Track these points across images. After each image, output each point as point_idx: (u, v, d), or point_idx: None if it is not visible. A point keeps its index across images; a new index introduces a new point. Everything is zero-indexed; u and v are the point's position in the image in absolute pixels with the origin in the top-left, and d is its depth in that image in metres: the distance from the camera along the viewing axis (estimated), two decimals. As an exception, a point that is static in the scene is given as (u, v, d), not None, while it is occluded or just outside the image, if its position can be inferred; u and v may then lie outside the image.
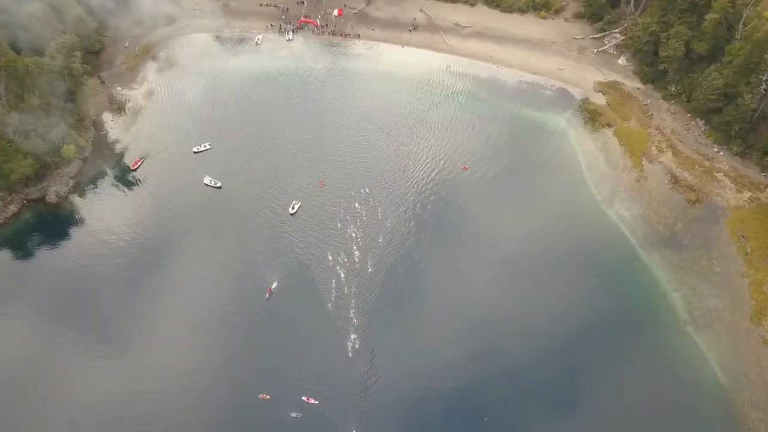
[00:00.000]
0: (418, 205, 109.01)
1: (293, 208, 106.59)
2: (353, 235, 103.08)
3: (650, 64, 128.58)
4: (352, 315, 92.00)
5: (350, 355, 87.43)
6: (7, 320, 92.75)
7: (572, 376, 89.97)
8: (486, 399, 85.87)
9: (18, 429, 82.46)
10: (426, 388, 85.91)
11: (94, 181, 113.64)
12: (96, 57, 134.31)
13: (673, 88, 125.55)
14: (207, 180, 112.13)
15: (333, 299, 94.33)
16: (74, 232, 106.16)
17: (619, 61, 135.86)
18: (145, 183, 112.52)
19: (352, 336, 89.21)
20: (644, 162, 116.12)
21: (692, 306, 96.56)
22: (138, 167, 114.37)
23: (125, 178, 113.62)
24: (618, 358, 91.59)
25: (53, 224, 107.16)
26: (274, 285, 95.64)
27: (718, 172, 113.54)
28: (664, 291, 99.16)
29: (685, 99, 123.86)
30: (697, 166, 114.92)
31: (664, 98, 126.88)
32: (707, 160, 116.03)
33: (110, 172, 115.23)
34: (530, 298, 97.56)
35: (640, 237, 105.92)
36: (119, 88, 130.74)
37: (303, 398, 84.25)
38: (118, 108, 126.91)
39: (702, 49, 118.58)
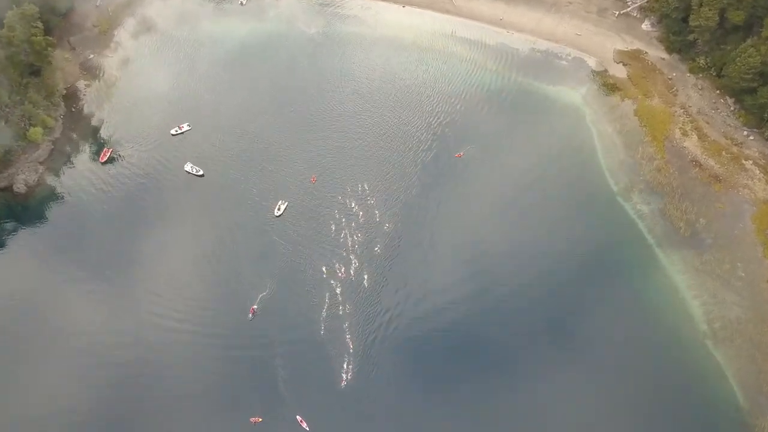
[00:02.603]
0: (422, 199, 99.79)
1: (279, 210, 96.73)
2: (349, 242, 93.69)
3: (678, 33, 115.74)
4: (347, 339, 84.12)
5: (343, 384, 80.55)
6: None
7: (579, 388, 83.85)
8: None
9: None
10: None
11: (65, 167, 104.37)
12: (64, 19, 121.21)
13: (701, 61, 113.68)
14: (188, 167, 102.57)
15: (325, 320, 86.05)
16: (45, 225, 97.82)
17: (643, 26, 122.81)
18: (122, 172, 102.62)
19: (346, 362, 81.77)
20: (666, 147, 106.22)
21: (712, 316, 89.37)
22: (107, 159, 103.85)
23: (99, 165, 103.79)
24: (629, 370, 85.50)
25: (23, 216, 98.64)
26: (257, 303, 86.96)
27: (746, 160, 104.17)
28: (683, 298, 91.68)
29: (714, 73, 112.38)
30: (723, 152, 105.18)
31: (690, 71, 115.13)
32: (735, 145, 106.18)
33: (83, 157, 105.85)
34: (535, 300, 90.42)
35: (659, 235, 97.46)
36: (91, 55, 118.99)
37: (297, 418, 78.82)
38: (91, 78, 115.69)
39: (738, 19, 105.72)
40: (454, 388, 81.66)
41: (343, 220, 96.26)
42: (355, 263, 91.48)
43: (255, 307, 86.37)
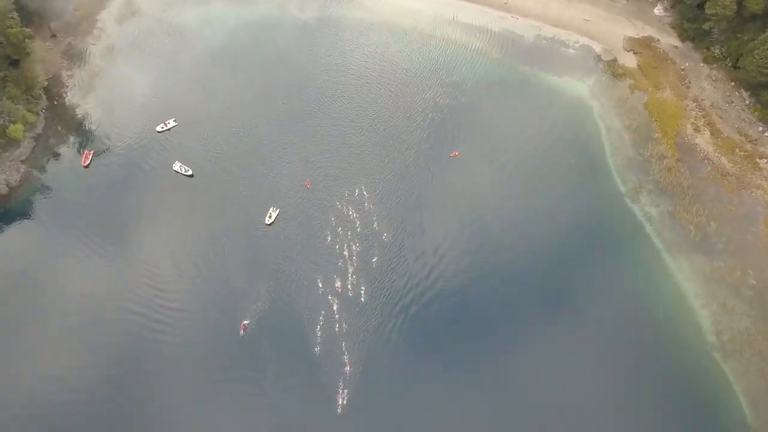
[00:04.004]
0: (423, 203, 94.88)
1: (270, 217, 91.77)
2: (346, 253, 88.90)
3: (692, 20, 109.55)
4: (345, 360, 79.91)
5: (339, 407, 76.87)
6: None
7: (582, 401, 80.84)
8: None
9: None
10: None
11: (49, 166, 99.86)
12: (44, 2, 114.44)
13: (716, 51, 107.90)
14: (177, 166, 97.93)
15: (321, 339, 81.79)
16: (28, 228, 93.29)
17: (655, 11, 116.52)
18: (107, 172, 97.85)
19: (342, 387, 77.75)
20: (677, 144, 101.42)
21: (721, 327, 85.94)
22: (90, 162, 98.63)
23: (84, 164, 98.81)
24: (631, 381, 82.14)
25: (5, 219, 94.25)
26: (249, 319, 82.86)
27: (761, 158, 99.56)
28: (691, 307, 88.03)
29: (729, 64, 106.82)
30: (737, 150, 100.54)
31: (704, 61, 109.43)
32: (749, 142, 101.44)
33: (67, 155, 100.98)
34: (536, 307, 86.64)
35: (667, 239, 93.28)
36: (73, 43, 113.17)
37: None
38: (73, 68, 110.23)
39: (757, 7, 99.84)
40: (456, 416, 77.97)
41: (340, 228, 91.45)
42: (353, 276, 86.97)
43: (246, 322, 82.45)
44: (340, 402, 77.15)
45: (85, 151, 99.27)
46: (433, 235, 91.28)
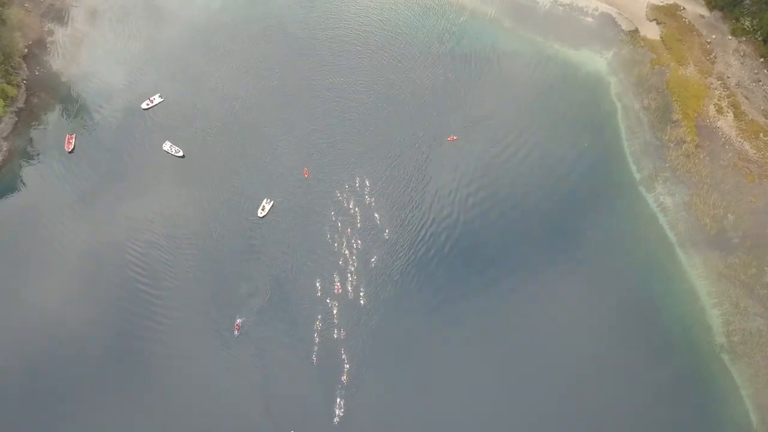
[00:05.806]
0: (430, 193, 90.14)
1: (263, 210, 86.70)
2: (347, 251, 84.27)
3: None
4: (345, 368, 76.64)
5: (336, 420, 74.46)
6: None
7: (584, 402, 79.16)
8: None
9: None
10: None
11: (32, 144, 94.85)
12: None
13: (747, 23, 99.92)
14: (167, 146, 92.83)
15: (318, 345, 78.43)
16: (10, 215, 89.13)
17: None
18: (93, 155, 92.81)
19: (339, 398, 74.93)
20: (698, 127, 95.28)
21: (732, 328, 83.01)
22: (74, 147, 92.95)
23: (68, 149, 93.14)
24: (635, 383, 79.78)
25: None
26: (241, 318, 79.55)
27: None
28: (702, 306, 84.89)
29: (760, 38, 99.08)
30: (761, 135, 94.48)
31: (733, 33, 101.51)
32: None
33: (51, 131, 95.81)
34: (541, 304, 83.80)
35: (681, 233, 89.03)
36: (54, 4, 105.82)
37: None
38: (55, 33, 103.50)
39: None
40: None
41: (339, 223, 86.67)
42: (353, 277, 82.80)
43: (239, 321, 79.19)
44: (337, 411, 74.63)
45: (68, 135, 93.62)
46: (434, 234, 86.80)
